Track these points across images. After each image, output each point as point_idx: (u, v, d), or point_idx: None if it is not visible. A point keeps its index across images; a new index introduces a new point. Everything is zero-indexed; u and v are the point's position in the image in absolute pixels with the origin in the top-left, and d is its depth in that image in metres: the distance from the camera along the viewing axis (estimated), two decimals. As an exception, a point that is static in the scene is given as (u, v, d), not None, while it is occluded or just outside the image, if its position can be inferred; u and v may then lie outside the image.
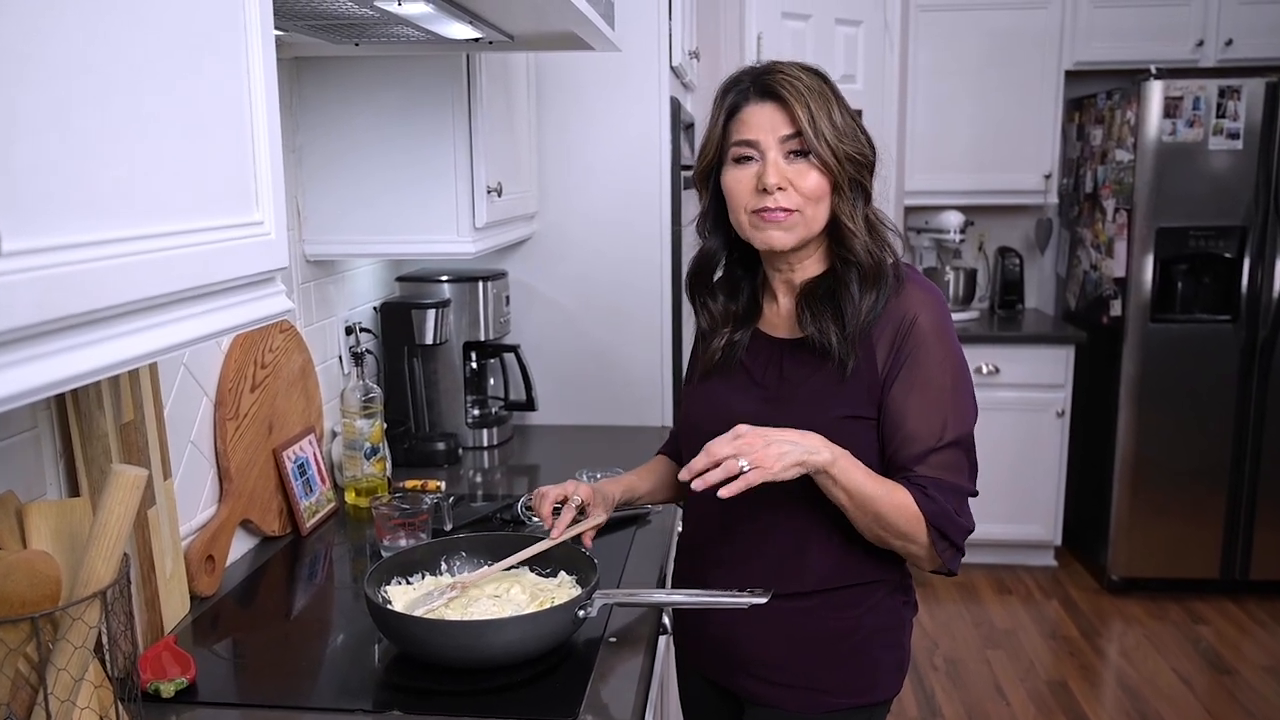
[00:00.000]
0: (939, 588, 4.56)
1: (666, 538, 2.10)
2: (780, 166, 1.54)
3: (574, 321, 2.97)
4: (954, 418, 1.54)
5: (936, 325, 1.55)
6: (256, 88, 1.08)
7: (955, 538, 1.54)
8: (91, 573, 1.16)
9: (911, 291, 1.57)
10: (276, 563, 1.98)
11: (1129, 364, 4.34)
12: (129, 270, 0.88)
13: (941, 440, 1.53)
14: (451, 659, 1.48)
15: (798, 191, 1.54)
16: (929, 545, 1.53)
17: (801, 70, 1.56)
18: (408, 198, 2.27)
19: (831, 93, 1.56)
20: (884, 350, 1.55)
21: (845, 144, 1.53)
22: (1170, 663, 3.90)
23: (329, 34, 1.87)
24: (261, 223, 1.11)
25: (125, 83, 0.87)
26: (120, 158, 0.87)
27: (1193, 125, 4.12)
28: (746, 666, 1.66)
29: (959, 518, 1.54)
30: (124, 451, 1.53)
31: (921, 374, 1.53)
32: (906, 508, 1.51)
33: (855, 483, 1.48)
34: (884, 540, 1.55)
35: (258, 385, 2.03)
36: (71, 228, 0.81)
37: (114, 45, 0.85)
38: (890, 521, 1.51)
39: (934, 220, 4.88)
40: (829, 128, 1.52)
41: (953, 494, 1.53)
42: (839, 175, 1.53)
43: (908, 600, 1.69)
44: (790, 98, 1.53)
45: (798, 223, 1.55)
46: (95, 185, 0.84)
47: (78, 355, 0.84)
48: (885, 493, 1.50)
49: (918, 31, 4.66)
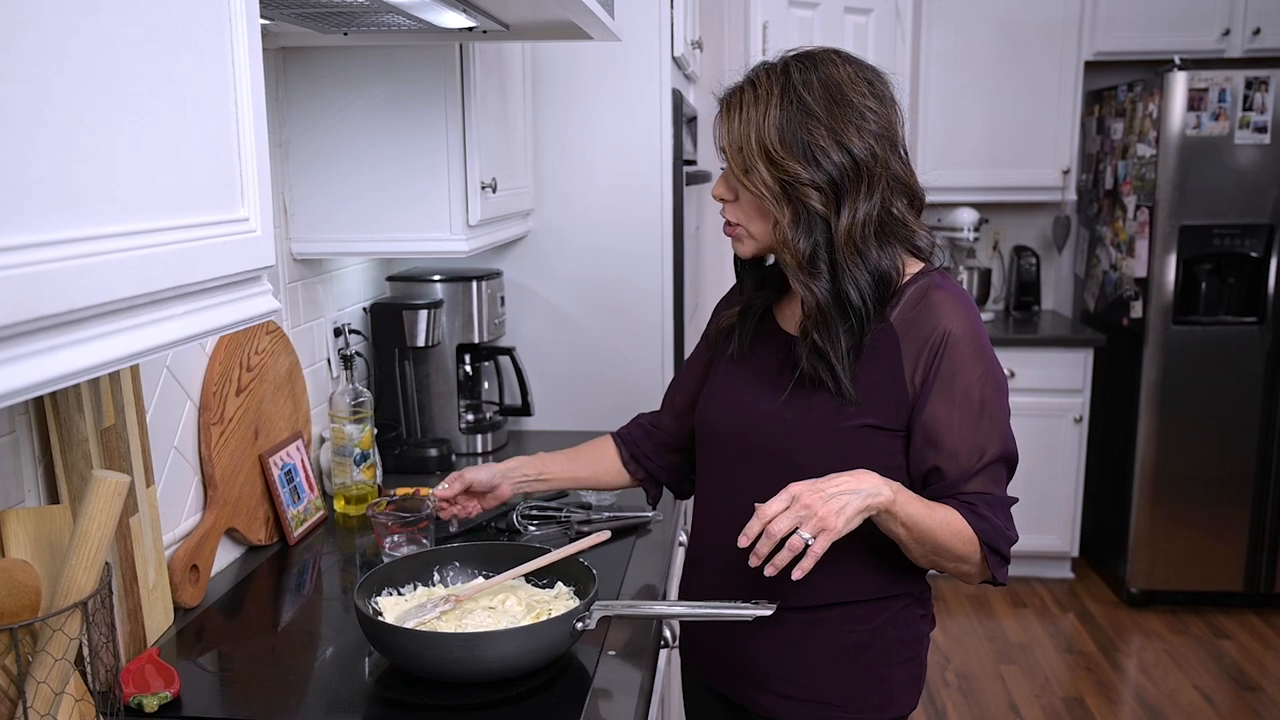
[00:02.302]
0: (951, 600, 4.56)
1: (667, 548, 2.10)
2: (728, 180, 1.58)
3: (572, 323, 2.98)
4: (996, 433, 1.55)
5: (971, 338, 1.54)
6: (242, 79, 1.08)
7: (1005, 551, 1.56)
8: (72, 582, 1.17)
9: (940, 302, 1.55)
10: (263, 573, 1.99)
11: (1150, 368, 4.34)
12: (109, 269, 0.88)
13: (986, 457, 1.54)
14: (445, 673, 1.49)
15: (740, 208, 1.58)
16: (981, 562, 1.55)
17: (770, 70, 1.53)
18: (399, 194, 2.27)
19: (789, 99, 1.49)
20: (912, 364, 1.54)
21: (788, 163, 1.48)
22: (1192, 679, 3.90)
23: (317, 22, 1.87)
24: (247, 219, 1.11)
25: (104, 73, 0.87)
26: (99, 152, 0.87)
27: (1218, 118, 4.12)
28: (758, 680, 1.67)
29: (1008, 531, 1.55)
30: (105, 457, 1.54)
31: (960, 390, 1.53)
32: (961, 532, 1.52)
33: (914, 515, 1.48)
34: (937, 565, 1.56)
35: (243, 389, 2.03)
36: (48, 225, 0.81)
37: (92, 33, 0.86)
38: (948, 548, 1.52)
39: (947, 218, 4.88)
40: (757, 149, 1.49)
41: (1000, 508, 1.55)
42: (774, 199, 1.51)
43: (925, 614, 1.70)
44: (726, 109, 1.54)
45: (744, 237, 1.60)
46: (73, 180, 0.84)
47: (56, 357, 0.84)
48: (941, 520, 1.50)
49: (930, 20, 4.67)
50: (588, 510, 2.21)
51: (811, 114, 1.49)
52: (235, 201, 1.09)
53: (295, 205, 2.30)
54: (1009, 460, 1.57)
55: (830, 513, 1.39)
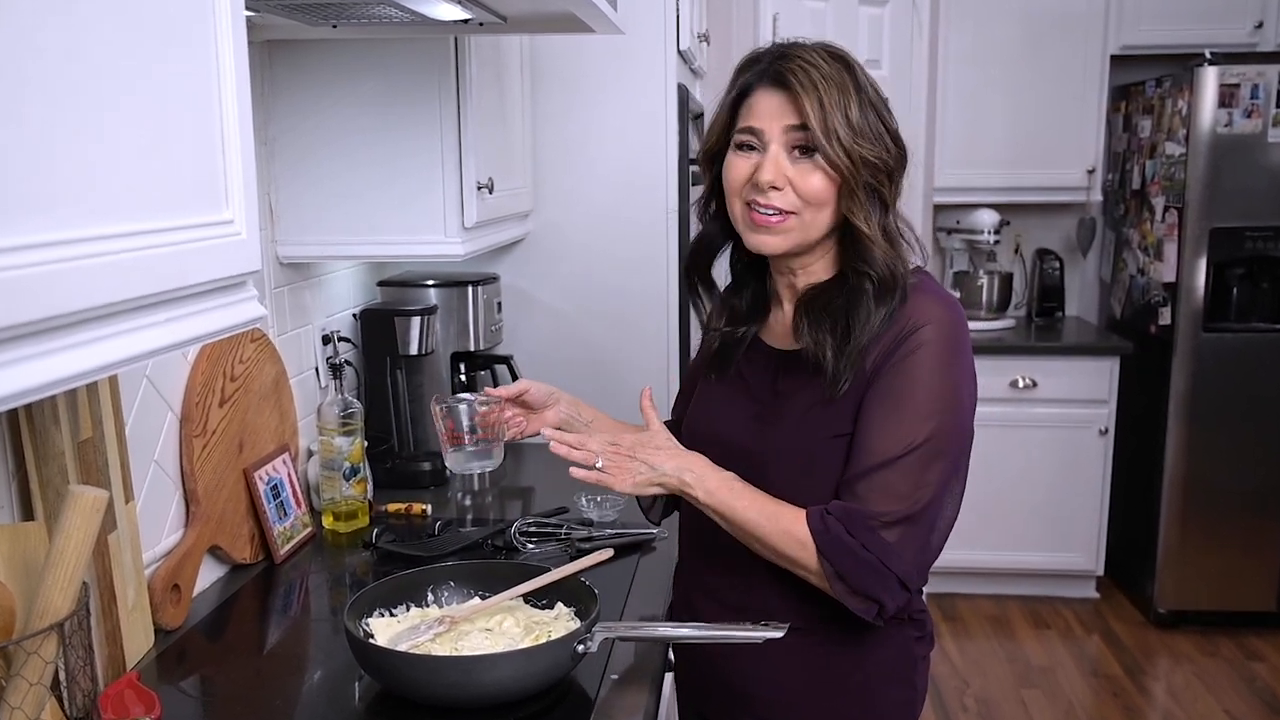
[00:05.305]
0: (970, 621, 4.55)
1: (672, 567, 2.09)
2: (780, 162, 1.53)
3: (572, 329, 2.98)
4: (918, 433, 1.49)
5: (941, 338, 1.52)
6: (226, 73, 1.08)
7: (854, 575, 1.48)
8: (48, 603, 1.16)
9: (920, 300, 1.54)
10: (248, 593, 1.98)
11: (1179, 377, 4.33)
12: (87, 274, 0.88)
13: (894, 457, 1.49)
14: (439, 698, 1.48)
15: (797, 193, 1.52)
16: (823, 576, 1.50)
17: (824, 56, 1.54)
18: (391, 194, 2.27)
19: (855, 84, 1.52)
20: (876, 357, 1.53)
21: (863, 146, 1.50)
22: (1223, 703, 3.89)
23: (304, 14, 1.87)
24: (232, 221, 1.11)
25: (82, 68, 0.87)
26: (76, 151, 0.87)
27: (1250, 115, 4.12)
28: (745, 703, 1.67)
29: (865, 551, 1.47)
30: (82, 472, 1.53)
31: (902, 387, 1.51)
32: (792, 532, 1.50)
33: (725, 504, 1.54)
34: (777, 561, 1.55)
35: (227, 399, 2.03)
36: (23, 228, 0.81)
37: (67, 25, 0.86)
38: (774, 547, 1.53)
39: (966, 220, 4.88)
40: (843, 126, 1.49)
41: (863, 526, 1.48)
42: (852, 180, 1.50)
43: (921, 635, 1.68)
44: (801, 89, 1.50)
45: (793, 227, 1.55)
46: (49, 181, 0.84)
47: (31, 367, 0.84)
48: (766, 516, 1.52)
49: (949, 13, 4.67)
50: (589, 527, 2.21)
51: (870, 99, 1.54)
52: (219, 202, 1.09)
53: (281, 206, 2.30)
54: (921, 467, 1.49)
55: (623, 469, 1.57)
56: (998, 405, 4.43)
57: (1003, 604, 4.70)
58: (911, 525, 1.49)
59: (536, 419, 1.87)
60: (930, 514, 1.51)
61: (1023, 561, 4.67)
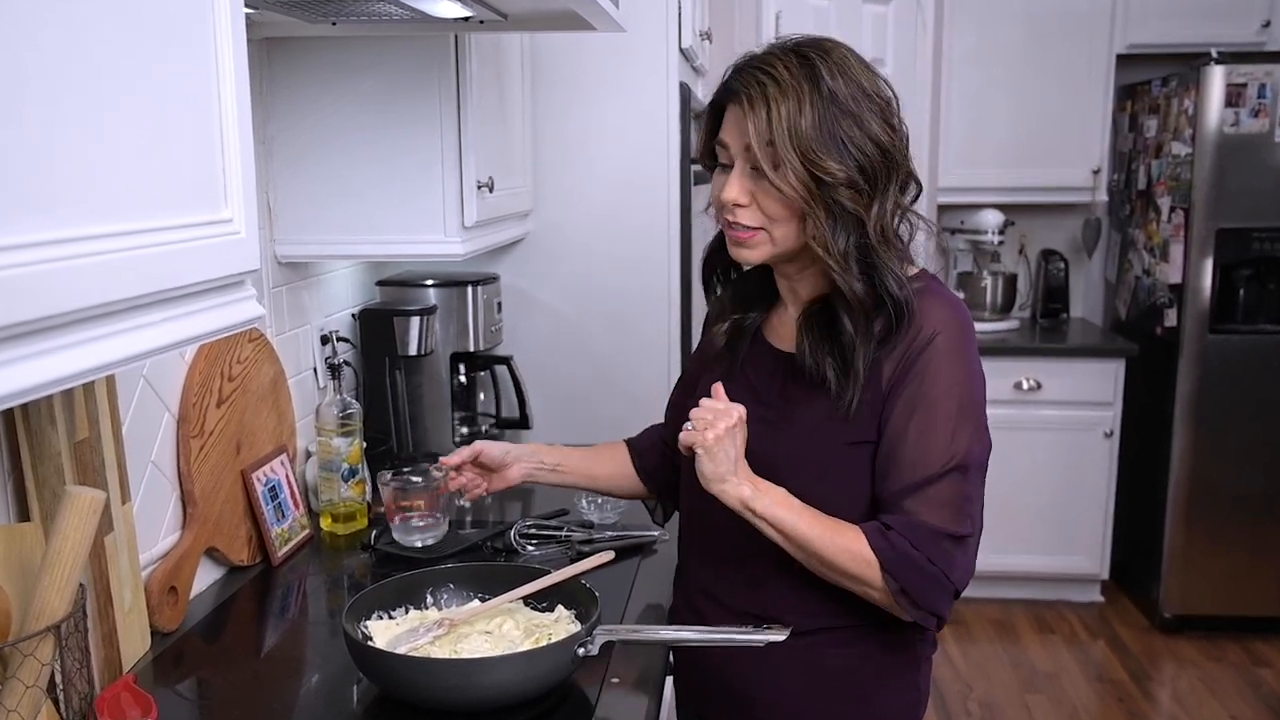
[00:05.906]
0: (974, 625, 4.55)
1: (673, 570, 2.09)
2: (743, 180, 1.52)
3: (573, 330, 2.98)
4: (957, 447, 1.51)
5: (954, 343, 1.53)
6: (225, 71, 1.08)
7: (919, 589, 1.49)
8: (44, 605, 1.16)
9: (929, 306, 1.54)
10: (245, 595, 1.98)
11: (1185, 379, 4.33)
12: (84, 273, 0.88)
13: (938, 472, 1.50)
14: (438, 701, 1.48)
15: (761, 210, 1.52)
16: (887, 592, 1.50)
17: (789, 63, 1.48)
18: (390, 193, 2.27)
19: (816, 93, 1.46)
20: (890, 366, 1.53)
21: (822, 162, 1.45)
22: (1229, 709, 3.89)
23: (304, 11, 1.88)
24: (230, 220, 1.11)
25: (81, 68, 0.87)
26: (75, 149, 0.87)
27: (1258, 115, 4.12)
28: (746, 708, 1.68)
29: (931, 565, 1.48)
30: (78, 472, 1.54)
31: (927, 396, 1.51)
32: (854, 550, 1.49)
33: (781, 519, 1.50)
34: (835, 580, 1.54)
35: (225, 400, 2.03)
36: (21, 226, 0.81)
37: (69, 27, 0.86)
38: (836, 565, 1.51)
39: (970, 220, 4.88)
40: (791, 147, 1.44)
41: (928, 537, 1.49)
42: (808, 199, 1.47)
43: (923, 637, 1.68)
44: (749, 103, 1.48)
45: (762, 241, 1.54)
46: (49, 181, 0.84)
47: (27, 366, 0.84)
48: (824, 533, 1.50)
49: (953, 11, 4.67)
50: (590, 529, 2.20)
51: (841, 106, 1.46)
52: (218, 201, 1.09)
53: (280, 205, 2.30)
54: (970, 481, 1.51)
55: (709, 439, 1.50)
56: (1002, 407, 4.41)
57: (1007, 608, 4.70)
58: (969, 537, 1.52)
59: (498, 478, 1.93)
60: (979, 523, 1.54)
61: (1027, 565, 4.66)
